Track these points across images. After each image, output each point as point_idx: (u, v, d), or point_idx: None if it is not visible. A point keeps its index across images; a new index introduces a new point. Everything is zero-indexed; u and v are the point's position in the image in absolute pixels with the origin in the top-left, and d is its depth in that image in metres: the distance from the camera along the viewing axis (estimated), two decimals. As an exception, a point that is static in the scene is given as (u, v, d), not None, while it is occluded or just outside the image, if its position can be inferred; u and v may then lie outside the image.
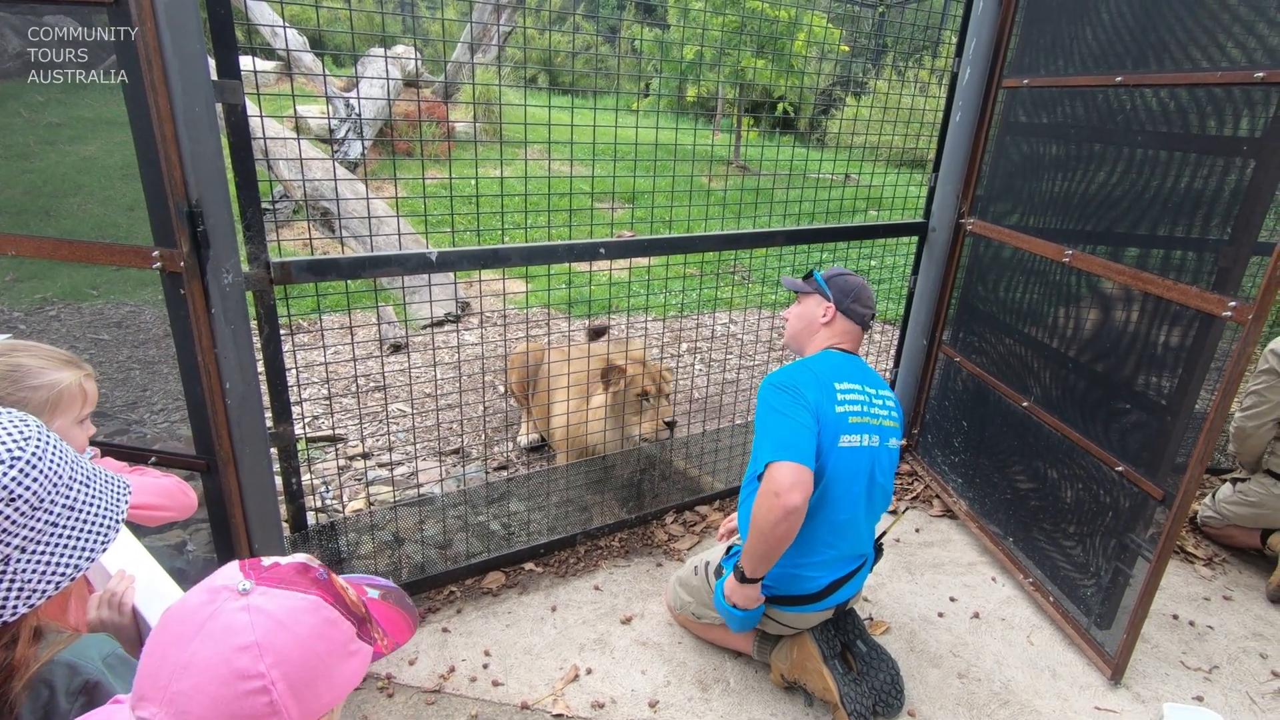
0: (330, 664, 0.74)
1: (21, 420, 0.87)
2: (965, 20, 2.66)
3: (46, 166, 1.82)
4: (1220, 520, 2.78)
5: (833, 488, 1.83)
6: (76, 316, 2.04)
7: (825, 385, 1.85)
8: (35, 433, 0.86)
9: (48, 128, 1.75)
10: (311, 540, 2.20)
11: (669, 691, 2.05)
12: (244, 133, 1.67)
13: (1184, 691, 2.14)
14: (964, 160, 2.78)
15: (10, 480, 0.81)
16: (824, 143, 9.65)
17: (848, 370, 1.93)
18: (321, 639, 0.73)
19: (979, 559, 2.69)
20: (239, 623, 0.69)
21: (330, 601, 0.76)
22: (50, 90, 1.65)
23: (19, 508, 0.82)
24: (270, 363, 1.92)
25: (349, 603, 0.79)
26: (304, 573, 0.77)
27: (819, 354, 1.99)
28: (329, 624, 0.74)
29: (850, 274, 2.07)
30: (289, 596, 0.73)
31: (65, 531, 0.87)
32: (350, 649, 0.76)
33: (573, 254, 2.23)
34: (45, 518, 0.85)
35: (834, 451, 1.81)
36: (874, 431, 1.88)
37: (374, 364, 4.07)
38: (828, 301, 2.04)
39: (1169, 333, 1.99)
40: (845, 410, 1.84)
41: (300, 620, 0.72)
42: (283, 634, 0.70)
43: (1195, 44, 1.91)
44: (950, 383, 2.99)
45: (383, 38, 4.79)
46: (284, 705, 0.69)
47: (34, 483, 0.84)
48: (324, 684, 0.73)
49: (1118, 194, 2.15)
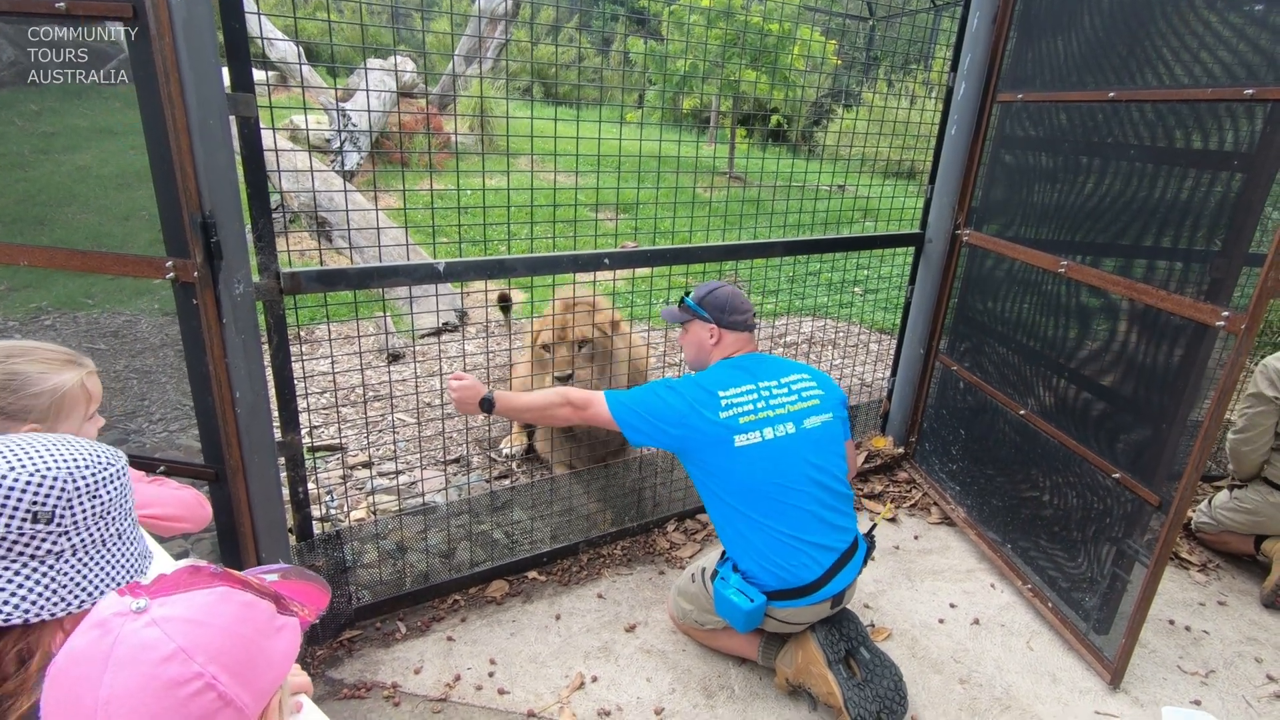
0: (261, 644, 0.73)
1: (114, 450, 0.93)
2: (960, 36, 2.72)
3: (41, 175, 1.82)
4: (1215, 526, 2.82)
5: (760, 485, 1.94)
6: (72, 325, 2.04)
7: (709, 394, 1.98)
8: (123, 463, 0.93)
9: (42, 136, 1.75)
10: (317, 549, 2.21)
11: (674, 699, 2.06)
12: (256, 145, 1.69)
13: (1182, 695, 2.17)
14: (959, 173, 2.83)
15: (101, 480, 0.87)
16: (817, 154, 9.74)
17: (735, 376, 2.04)
18: (244, 622, 0.72)
19: (978, 566, 2.72)
20: (150, 638, 0.67)
21: (238, 587, 0.75)
22: (45, 99, 1.66)
23: (94, 511, 0.87)
24: (279, 372, 1.93)
25: (255, 585, 0.78)
26: (196, 573, 0.76)
27: (709, 369, 2.12)
28: (246, 606, 0.74)
29: (718, 286, 2.17)
30: (193, 596, 0.72)
31: (103, 556, 0.89)
32: (276, 624, 0.76)
33: (577, 264, 2.25)
34: (99, 533, 0.89)
35: (731, 453, 1.94)
36: (781, 421, 1.99)
37: (372, 374, 4.08)
38: (710, 324, 2.14)
39: (1164, 342, 2.03)
40: (733, 414, 1.96)
41: (216, 612, 0.71)
42: (203, 630, 0.69)
43: (1182, 62, 1.97)
44: (947, 392, 3.03)
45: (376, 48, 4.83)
46: (233, 694, 0.68)
47: (112, 496, 0.89)
48: (262, 663, 0.73)
49: (1112, 206, 2.20)
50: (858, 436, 3.41)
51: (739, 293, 2.15)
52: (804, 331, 5.13)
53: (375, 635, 2.22)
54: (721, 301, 2.12)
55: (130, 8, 1.44)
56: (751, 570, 1.97)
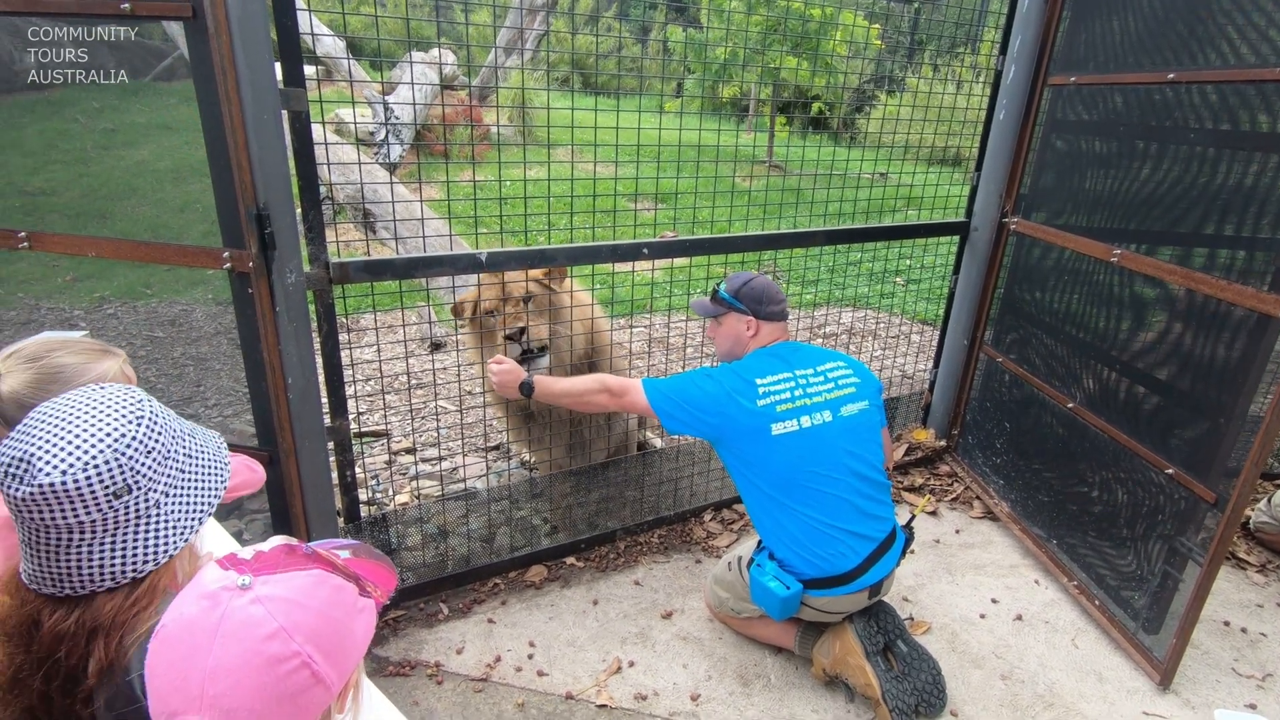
0: (349, 625, 0.79)
1: (124, 388, 0.96)
2: (1010, 17, 2.64)
3: (103, 170, 1.91)
4: (1276, 526, 2.71)
5: (797, 473, 1.93)
6: (132, 314, 2.14)
7: (747, 383, 1.98)
8: (144, 395, 0.97)
9: (104, 133, 1.83)
10: (364, 531, 2.28)
11: (710, 686, 2.08)
12: (307, 138, 1.75)
13: (1236, 699, 2.10)
14: (1007, 159, 2.76)
15: (143, 434, 0.92)
16: (858, 141, 9.57)
17: (772, 365, 2.03)
18: (336, 605, 0.78)
19: (1021, 561, 2.66)
20: (255, 615, 0.72)
21: (330, 570, 0.81)
22: (106, 97, 1.73)
23: (156, 459, 0.93)
24: (328, 359, 1.99)
25: (341, 567, 0.84)
26: (292, 552, 0.82)
27: (745, 357, 2.11)
28: (337, 590, 0.80)
29: (752, 277, 2.13)
30: (292, 577, 0.77)
31: (191, 476, 0.98)
32: (359, 607, 0.82)
33: (616, 254, 2.27)
34: (174, 465, 0.96)
35: (768, 441, 1.94)
36: (819, 409, 1.98)
37: (415, 362, 4.17)
38: (747, 316, 2.11)
39: (1222, 333, 1.96)
40: (770, 402, 1.95)
41: (313, 594, 0.77)
42: (302, 612, 0.75)
43: (1249, 40, 1.88)
44: (992, 383, 2.97)
45: (418, 41, 4.91)
46: (324, 673, 0.74)
47: (160, 435, 0.94)
48: (349, 644, 0.79)
49: (1169, 192, 2.12)
50: (898, 429, 3.36)
51: (772, 282, 2.14)
52: (844, 322, 5.06)
53: (419, 616, 2.29)
54: (758, 293, 2.11)
55: (190, 7, 1.49)
56: (788, 559, 1.97)
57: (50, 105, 1.79)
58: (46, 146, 1.86)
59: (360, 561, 0.88)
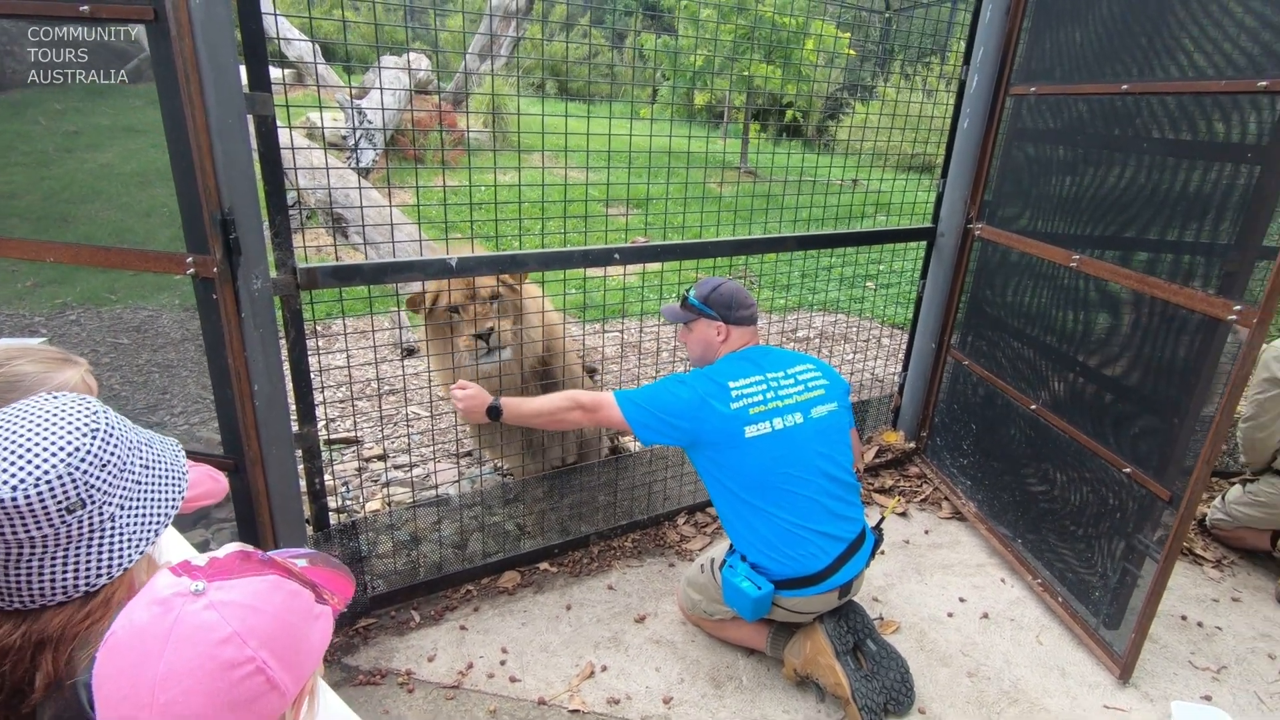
0: (304, 631, 0.79)
1: (81, 398, 0.95)
2: (973, 28, 2.71)
3: (65, 173, 1.87)
4: (1230, 522, 2.80)
5: (769, 475, 1.96)
6: (96, 321, 2.09)
7: (719, 386, 2.00)
8: (99, 406, 0.95)
9: (66, 135, 1.80)
10: (334, 539, 2.25)
11: (683, 688, 2.09)
12: (273, 143, 1.73)
13: (1192, 691, 2.17)
14: (972, 166, 2.82)
15: (98, 447, 0.90)
16: (831, 148, 9.69)
17: (743, 368, 2.06)
18: (291, 611, 0.78)
19: (988, 560, 2.72)
20: (208, 620, 0.71)
21: (286, 576, 0.80)
22: (69, 99, 1.70)
23: (111, 472, 0.91)
24: (296, 366, 1.97)
25: (298, 574, 0.83)
26: (247, 559, 0.81)
27: (716, 362, 2.13)
28: (293, 595, 0.79)
29: (721, 282, 2.17)
30: (248, 583, 0.76)
31: (148, 487, 0.97)
32: (315, 613, 0.81)
33: (588, 259, 2.27)
34: (131, 477, 0.94)
35: (742, 444, 1.96)
36: (789, 411, 2.01)
37: (386, 368, 4.13)
38: (716, 321, 2.14)
39: (1176, 336, 2.02)
40: (743, 405, 1.98)
41: (268, 600, 0.76)
42: (257, 617, 0.74)
43: (1201, 51, 1.95)
44: (959, 386, 3.03)
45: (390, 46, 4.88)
46: (279, 679, 0.73)
47: (116, 447, 0.93)
48: (305, 649, 0.78)
49: (1125, 199, 2.19)
50: (868, 432, 3.41)
51: (741, 287, 2.17)
52: (816, 326, 5.12)
53: (390, 624, 2.27)
54: (727, 298, 2.13)
55: (152, 10, 1.47)
56: (760, 561, 1.99)
57: (10, 106, 1.75)
58: (5, 148, 1.82)
59: (317, 569, 0.88)
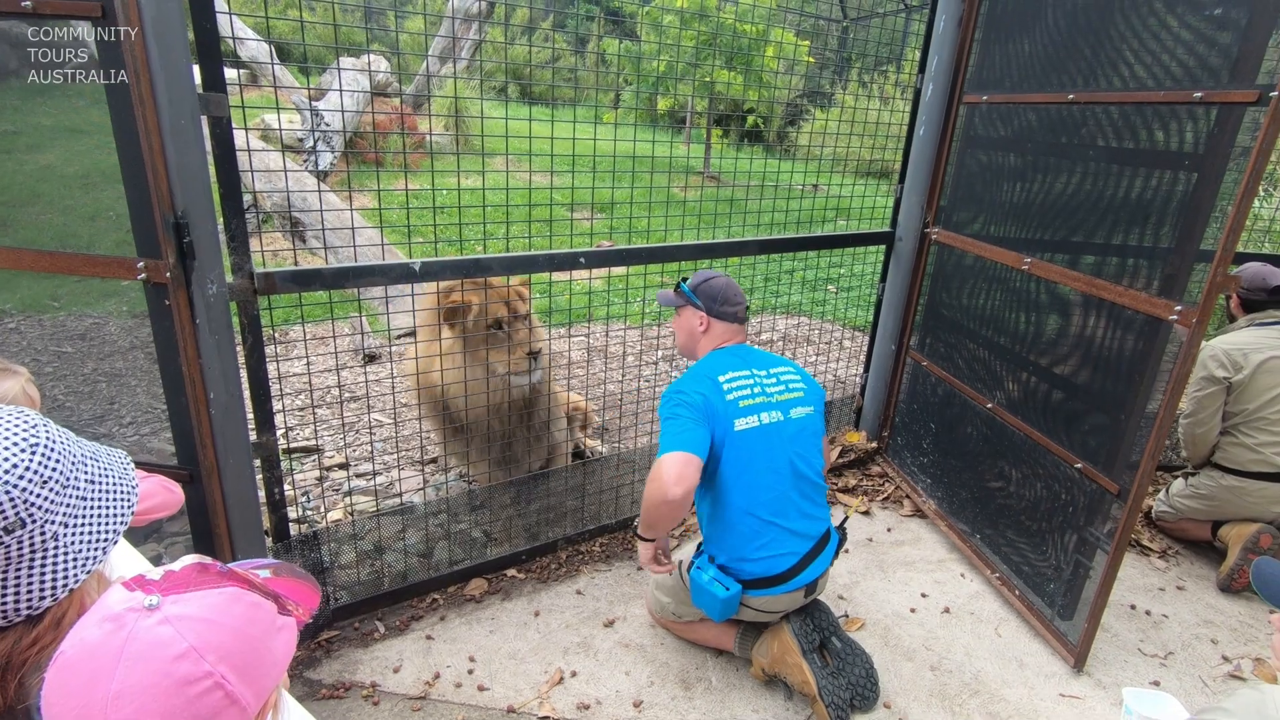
0: (266, 643, 0.76)
1: (19, 411, 0.90)
2: (927, 39, 2.78)
3: (3, 175, 1.79)
4: (1174, 514, 2.92)
5: (748, 470, 1.97)
6: (37, 329, 2.01)
7: (712, 382, 2.01)
8: (39, 419, 0.90)
9: (4, 135, 1.73)
10: (294, 550, 2.20)
11: (653, 691, 2.09)
12: (229, 145, 1.69)
13: (1142, 677, 2.25)
14: (928, 172, 2.90)
15: (37, 464, 0.86)
16: (792, 154, 9.84)
17: (731, 362, 2.09)
18: (252, 623, 0.75)
19: (948, 556, 2.78)
20: (163, 636, 0.69)
21: (245, 588, 0.78)
22: (7, 97, 1.63)
23: (53, 488, 0.87)
24: (253, 373, 1.92)
25: (259, 585, 0.81)
26: (205, 571, 0.78)
27: (704, 358, 2.15)
28: (254, 607, 0.76)
29: (715, 276, 2.20)
30: (205, 595, 0.74)
31: (94, 502, 0.93)
32: (277, 625, 0.79)
33: (553, 263, 2.27)
34: (75, 493, 0.90)
35: (732, 436, 1.97)
36: (772, 408, 2.03)
37: (348, 374, 4.05)
38: (700, 311, 2.18)
39: (1122, 336, 2.11)
40: (734, 398, 2.00)
41: (226, 612, 0.74)
42: (214, 631, 0.71)
43: (1141, 63, 2.04)
44: (918, 387, 3.10)
45: (349, 48, 4.81)
46: (239, 694, 0.71)
47: (59, 462, 0.89)
48: (267, 663, 0.75)
49: (1073, 204, 2.27)
50: (832, 431, 3.46)
51: (734, 285, 2.19)
52: (779, 329, 5.19)
53: (353, 635, 2.22)
54: (714, 291, 2.16)
55: (99, 7, 1.43)
56: (729, 562, 2.00)
57: (-58, 106, 1.67)
58: (-62, 150, 1.74)
59: (281, 579, 0.85)
